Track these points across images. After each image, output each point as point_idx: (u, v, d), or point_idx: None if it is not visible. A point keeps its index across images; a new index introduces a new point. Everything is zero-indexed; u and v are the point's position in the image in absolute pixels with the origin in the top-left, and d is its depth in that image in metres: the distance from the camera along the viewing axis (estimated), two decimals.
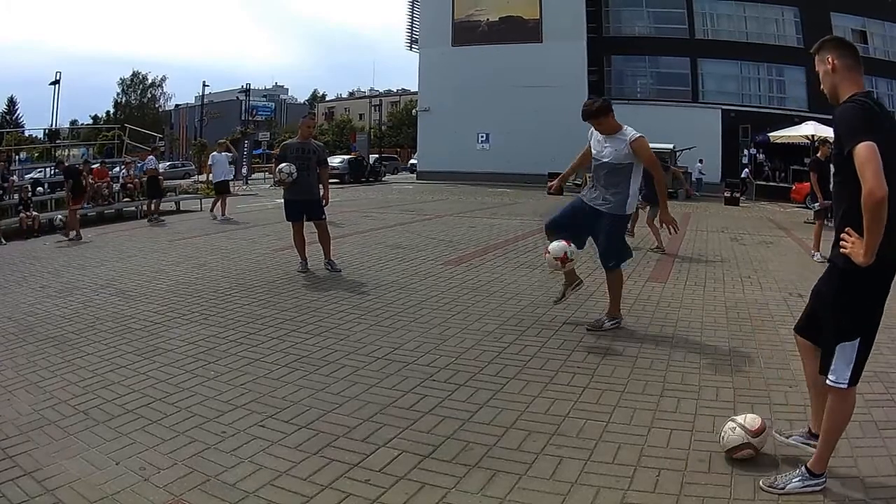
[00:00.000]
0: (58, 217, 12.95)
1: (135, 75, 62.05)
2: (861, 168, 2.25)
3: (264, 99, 63.94)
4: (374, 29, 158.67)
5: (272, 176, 9.03)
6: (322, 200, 7.33)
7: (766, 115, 26.44)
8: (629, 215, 5.05)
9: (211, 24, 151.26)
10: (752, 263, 8.34)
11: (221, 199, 14.08)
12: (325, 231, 7.39)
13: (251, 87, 52.94)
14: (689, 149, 23.58)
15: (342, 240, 9.35)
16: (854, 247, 2.33)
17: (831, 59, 2.53)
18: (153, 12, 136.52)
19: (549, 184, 22.93)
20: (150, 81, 62.51)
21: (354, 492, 2.59)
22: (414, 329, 4.97)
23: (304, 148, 7.29)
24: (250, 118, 50.01)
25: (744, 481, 2.64)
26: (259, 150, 35.55)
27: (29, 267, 8.24)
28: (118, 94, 62.16)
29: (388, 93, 74.80)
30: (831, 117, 2.53)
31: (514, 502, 2.53)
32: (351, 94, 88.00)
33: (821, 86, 2.61)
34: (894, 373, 3.83)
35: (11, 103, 59.46)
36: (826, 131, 16.43)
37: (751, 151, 25.26)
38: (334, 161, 28.86)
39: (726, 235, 11.60)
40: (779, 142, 22.75)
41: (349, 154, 34.68)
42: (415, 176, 34.66)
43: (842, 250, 2.39)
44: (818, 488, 2.53)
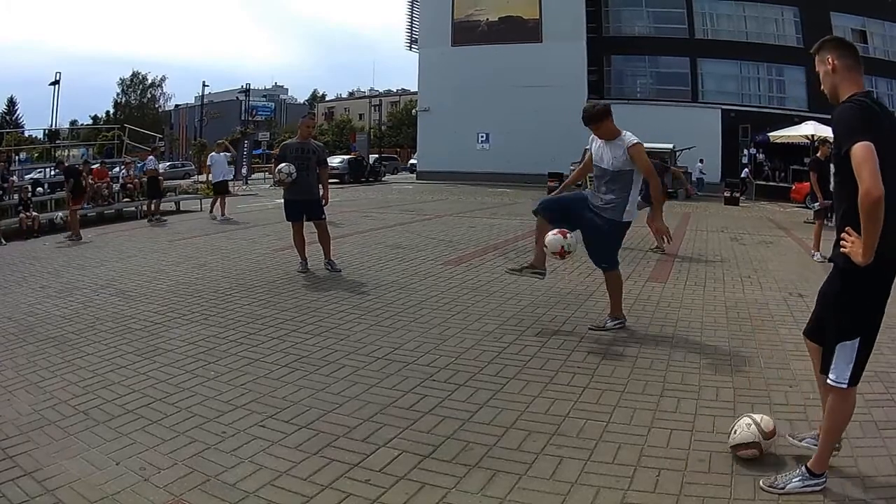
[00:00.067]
0: (58, 216, 12.96)
1: (134, 75, 62.16)
2: (857, 168, 2.25)
3: (264, 99, 63.96)
4: (374, 29, 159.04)
5: (272, 176, 9.02)
6: (322, 200, 7.34)
7: (765, 115, 26.43)
8: (627, 223, 4.88)
9: (211, 24, 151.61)
10: (752, 263, 8.34)
11: (220, 199, 14.10)
12: (325, 231, 7.40)
13: (251, 87, 52.99)
14: (689, 148, 23.58)
15: (342, 240, 9.35)
16: (853, 246, 2.33)
17: (831, 60, 2.52)
18: (153, 12, 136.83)
19: (549, 183, 22.97)
20: (149, 81, 62.65)
21: (354, 492, 2.59)
22: (414, 329, 4.97)
23: (303, 148, 7.29)
24: (250, 118, 50.02)
25: (744, 481, 2.64)
26: (259, 150, 35.54)
27: (29, 267, 8.24)
28: (118, 95, 62.31)
29: (388, 93, 74.80)
30: (831, 117, 2.53)
31: (515, 502, 2.53)
32: (351, 94, 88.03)
33: (821, 86, 2.60)
34: (895, 373, 3.83)
35: (11, 103, 59.57)
36: (826, 131, 16.43)
37: (751, 151, 25.26)
38: (334, 161, 28.85)
39: (726, 235, 11.59)
40: (779, 142, 22.75)
41: (349, 154, 34.68)
42: (414, 176, 34.66)
43: (842, 250, 2.40)
44: (818, 488, 2.53)
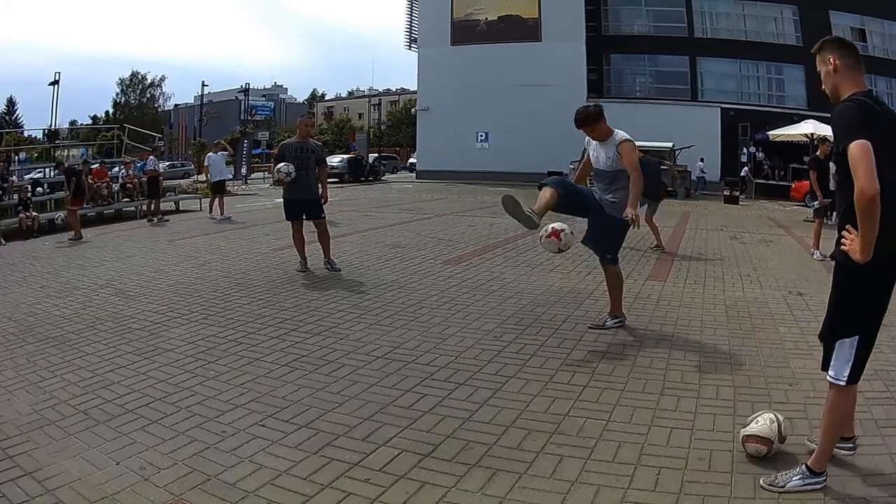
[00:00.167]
0: (59, 217, 12.95)
1: (134, 75, 62.28)
2: (853, 166, 2.26)
3: (263, 98, 63.92)
4: (374, 29, 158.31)
5: (271, 175, 9.03)
6: (321, 200, 7.34)
7: (765, 114, 26.39)
8: (627, 220, 4.85)
9: (211, 24, 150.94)
10: (752, 262, 8.34)
11: (219, 198, 14.11)
12: (325, 230, 7.39)
13: (250, 86, 52.98)
14: (688, 147, 23.57)
15: (341, 239, 9.35)
16: (852, 244, 2.34)
17: (833, 60, 2.53)
18: (153, 12, 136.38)
19: None
20: (149, 81, 62.78)
21: (354, 491, 2.59)
22: (413, 328, 4.97)
23: (302, 147, 7.29)
24: (249, 118, 49.97)
25: (744, 480, 2.64)
26: (258, 150, 35.51)
27: (29, 267, 8.24)
28: (117, 95, 62.43)
29: (388, 92, 74.71)
30: (830, 115, 2.53)
31: (515, 501, 2.53)
32: (350, 93, 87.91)
33: (822, 85, 2.61)
34: (894, 371, 3.83)
35: (11, 104, 59.59)
36: (825, 129, 16.43)
37: (750, 150, 25.24)
38: (333, 160, 28.82)
39: (726, 234, 11.59)
40: (778, 140, 22.75)
41: (348, 153, 34.66)
42: (414, 175, 34.62)
43: (842, 247, 2.41)
44: (818, 486, 2.53)
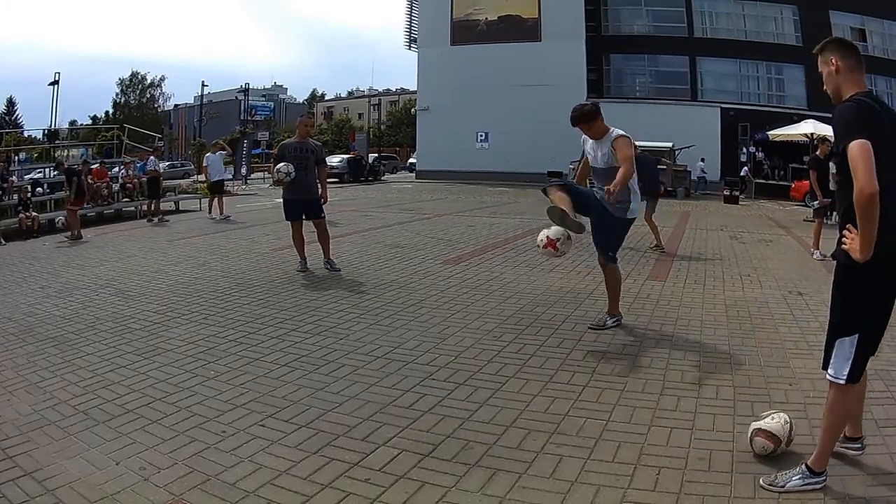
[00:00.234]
0: (59, 220, 12.95)
1: (134, 75, 62.27)
2: (853, 165, 2.27)
3: (263, 98, 63.87)
4: (374, 29, 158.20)
5: (271, 176, 9.03)
6: (321, 199, 7.34)
7: (765, 114, 26.39)
8: (632, 219, 4.95)
9: (211, 24, 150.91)
10: (752, 262, 8.34)
11: (218, 198, 14.12)
12: (325, 230, 7.39)
13: (250, 86, 52.97)
14: (688, 147, 23.59)
15: (341, 239, 9.35)
16: (853, 243, 2.35)
17: (835, 61, 2.53)
18: (153, 12, 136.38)
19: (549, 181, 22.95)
20: (149, 81, 62.78)
21: (354, 491, 2.59)
22: (413, 328, 4.97)
23: (302, 147, 7.29)
24: (249, 118, 49.94)
25: (744, 480, 2.64)
26: (258, 150, 35.50)
27: (28, 267, 8.24)
28: (117, 95, 62.45)
29: (388, 92, 74.71)
30: (830, 115, 2.53)
31: (515, 501, 2.53)
32: (350, 93, 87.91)
33: (823, 85, 2.61)
34: (894, 371, 3.83)
35: (11, 104, 59.54)
36: (825, 129, 16.42)
37: (750, 150, 25.23)
38: (333, 160, 28.82)
39: (726, 234, 11.59)
40: (778, 140, 22.75)
41: (348, 153, 34.66)
42: (414, 175, 34.62)
43: (842, 247, 2.42)
44: (819, 486, 2.53)
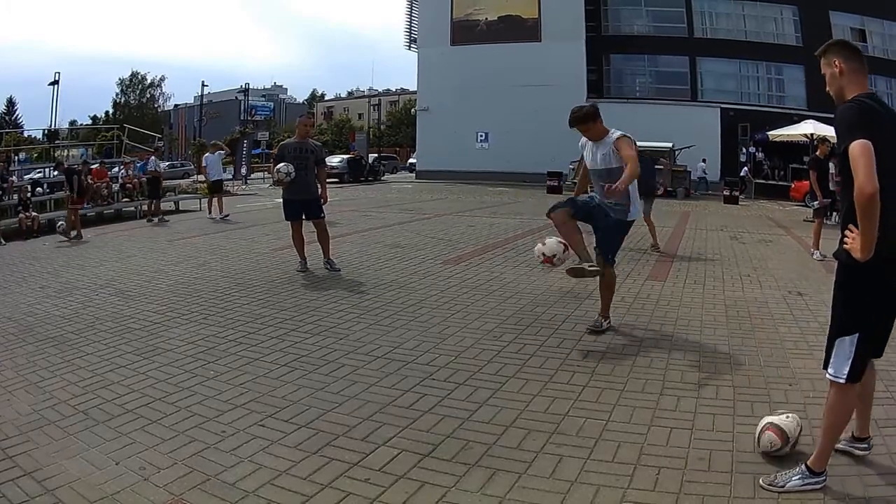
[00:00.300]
0: (59, 223, 12.93)
1: (134, 75, 62.28)
2: (853, 165, 2.28)
3: (263, 99, 63.91)
4: (374, 29, 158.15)
5: (271, 176, 9.04)
6: (321, 199, 7.34)
7: (765, 114, 26.39)
8: (632, 221, 4.93)
9: (211, 24, 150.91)
10: (752, 262, 8.34)
11: (217, 198, 14.13)
12: (324, 230, 7.39)
13: (250, 86, 52.98)
14: (688, 147, 23.60)
15: (341, 239, 9.35)
16: (854, 242, 2.36)
17: (838, 63, 2.54)
18: (153, 12, 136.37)
19: (548, 182, 23.01)
20: (149, 81, 62.79)
21: (354, 491, 2.59)
22: (413, 328, 4.97)
23: (301, 147, 7.29)
24: (249, 118, 49.96)
25: (744, 480, 2.64)
26: (258, 150, 35.51)
27: (28, 267, 8.23)
28: (117, 95, 62.47)
29: (387, 92, 74.71)
30: (830, 115, 2.54)
31: (514, 501, 2.53)
32: (350, 93, 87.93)
33: (826, 86, 2.62)
34: (894, 371, 3.83)
35: (11, 104, 59.54)
36: (825, 130, 16.42)
37: (750, 150, 25.22)
38: (333, 160, 28.85)
39: (726, 234, 11.59)
40: (778, 140, 22.74)
41: (348, 153, 34.66)
42: (414, 175, 34.63)
43: (844, 246, 2.43)
44: (818, 486, 2.54)
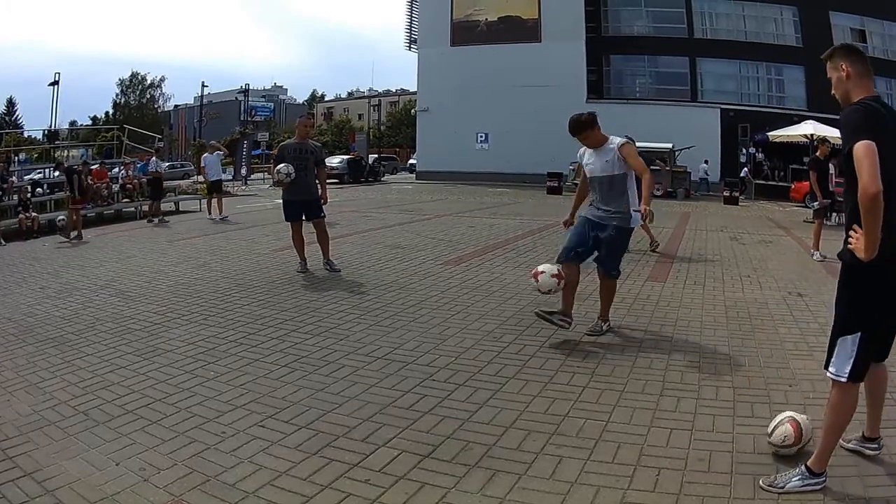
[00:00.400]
0: (59, 218, 12.95)
1: (134, 76, 62.27)
2: (858, 165, 2.30)
3: (263, 99, 63.95)
4: (374, 29, 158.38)
5: (271, 177, 9.05)
6: (320, 200, 7.34)
7: (765, 115, 26.39)
8: (632, 229, 4.93)
9: (211, 24, 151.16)
10: (752, 262, 8.34)
11: (217, 198, 14.14)
12: (324, 231, 7.39)
13: (250, 87, 53.04)
14: (688, 148, 23.61)
15: (341, 240, 9.35)
16: (858, 243, 2.38)
17: (845, 67, 2.57)
18: (153, 12, 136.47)
19: (548, 182, 23.05)
20: (149, 82, 62.78)
21: (354, 492, 2.59)
22: (413, 329, 4.97)
23: (301, 148, 7.29)
24: (249, 118, 49.98)
25: (743, 480, 2.64)
26: (258, 151, 35.53)
27: (28, 268, 8.23)
28: (117, 95, 62.42)
29: (388, 93, 74.76)
30: (830, 116, 2.55)
31: (514, 502, 2.53)
32: (350, 94, 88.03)
33: (832, 90, 2.64)
34: (893, 371, 3.82)
35: (11, 104, 59.55)
36: (825, 130, 16.40)
37: (750, 150, 25.22)
38: (333, 161, 28.88)
39: (726, 234, 11.60)
40: (778, 141, 22.75)
41: (348, 154, 34.68)
42: (414, 176, 34.65)
43: (848, 246, 2.45)
44: (818, 487, 2.54)
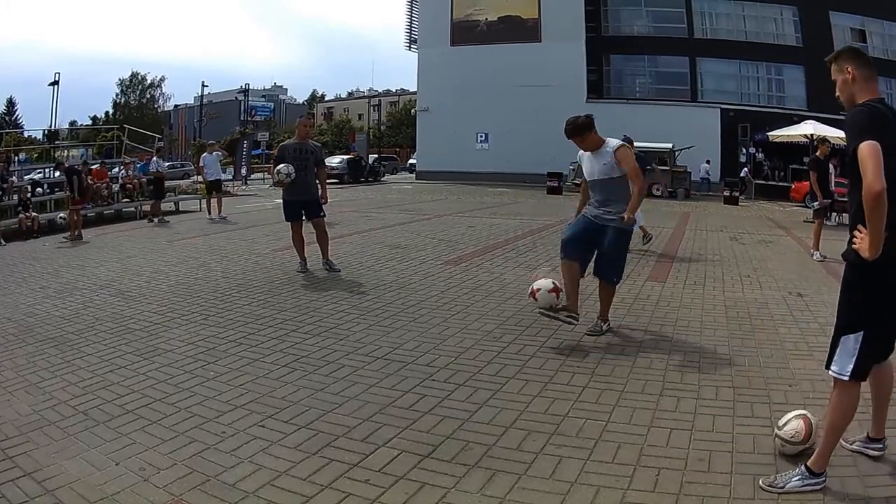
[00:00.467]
0: (59, 216, 12.96)
1: (134, 76, 62.31)
2: (862, 164, 2.33)
3: (263, 99, 63.91)
4: (374, 29, 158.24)
5: (271, 177, 9.05)
6: (320, 200, 7.34)
7: (765, 114, 26.37)
8: (632, 230, 4.95)
9: (211, 24, 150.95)
10: (752, 262, 8.34)
11: (217, 197, 14.14)
12: (324, 231, 7.40)
13: (250, 87, 52.98)
14: (688, 148, 23.61)
15: (341, 240, 9.35)
16: (862, 242, 2.39)
17: (851, 70, 2.58)
18: (153, 12, 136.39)
19: (548, 182, 23.07)
20: (149, 82, 62.81)
21: (354, 492, 2.59)
22: (413, 329, 4.97)
23: (301, 148, 7.30)
24: (249, 118, 49.97)
25: (743, 480, 2.64)
26: (258, 151, 35.52)
27: (28, 268, 8.23)
28: (117, 95, 62.48)
29: (388, 93, 74.75)
30: (830, 116, 2.56)
31: (514, 502, 2.53)
32: (350, 94, 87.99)
33: (836, 92, 2.65)
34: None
35: (11, 104, 59.52)
36: (825, 130, 16.41)
37: (750, 150, 25.22)
38: (333, 161, 28.88)
39: (726, 234, 11.60)
40: (778, 141, 22.75)
41: (348, 154, 34.67)
42: (414, 176, 34.64)
43: (852, 246, 2.46)
44: (818, 487, 2.54)
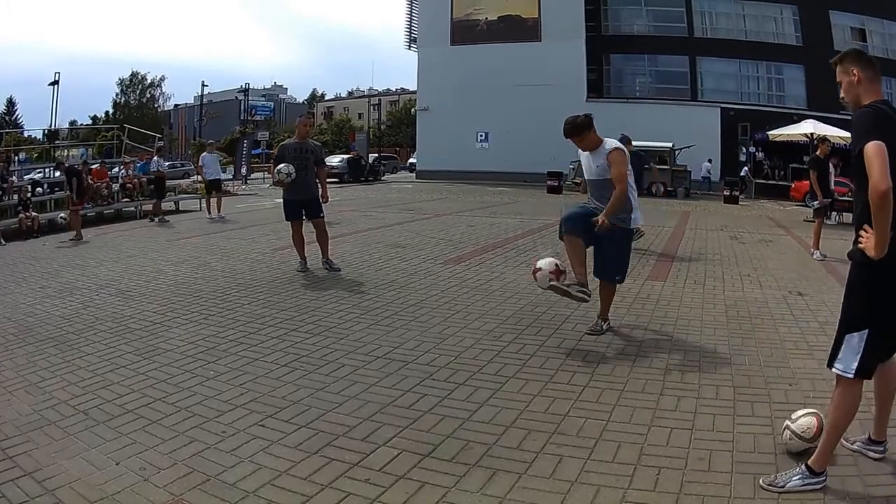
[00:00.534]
0: (60, 216, 12.96)
1: (134, 75, 62.38)
2: (868, 164, 2.35)
3: (263, 99, 63.91)
4: (374, 29, 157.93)
5: (271, 176, 9.05)
6: (320, 199, 7.34)
7: (765, 114, 26.35)
8: (632, 230, 4.96)
9: (211, 24, 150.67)
10: (752, 262, 8.34)
11: (217, 197, 14.14)
12: (324, 230, 7.40)
13: (250, 86, 52.96)
14: (688, 147, 23.60)
15: (341, 239, 9.35)
16: (868, 241, 2.41)
17: (856, 72, 2.59)
18: (153, 12, 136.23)
19: (548, 182, 23.04)
20: (149, 82, 62.90)
21: (354, 491, 2.59)
22: (413, 328, 4.97)
23: (301, 148, 7.30)
24: (249, 118, 49.97)
25: (744, 480, 2.64)
26: (258, 150, 35.50)
27: (28, 267, 8.23)
28: (117, 95, 62.62)
29: (387, 92, 74.70)
30: (830, 115, 2.56)
31: (515, 501, 2.53)
32: (350, 93, 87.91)
33: (842, 93, 2.67)
34: None
35: (11, 104, 59.55)
36: (825, 129, 16.41)
37: (750, 150, 25.22)
38: (333, 160, 28.86)
39: (726, 234, 11.59)
40: (778, 140, 22.74)
41: (348, 153, 34.65)
42: (414, 175, 34.64)
43: (859, 245, 2.47)
44: (818, 486, 2.54)
